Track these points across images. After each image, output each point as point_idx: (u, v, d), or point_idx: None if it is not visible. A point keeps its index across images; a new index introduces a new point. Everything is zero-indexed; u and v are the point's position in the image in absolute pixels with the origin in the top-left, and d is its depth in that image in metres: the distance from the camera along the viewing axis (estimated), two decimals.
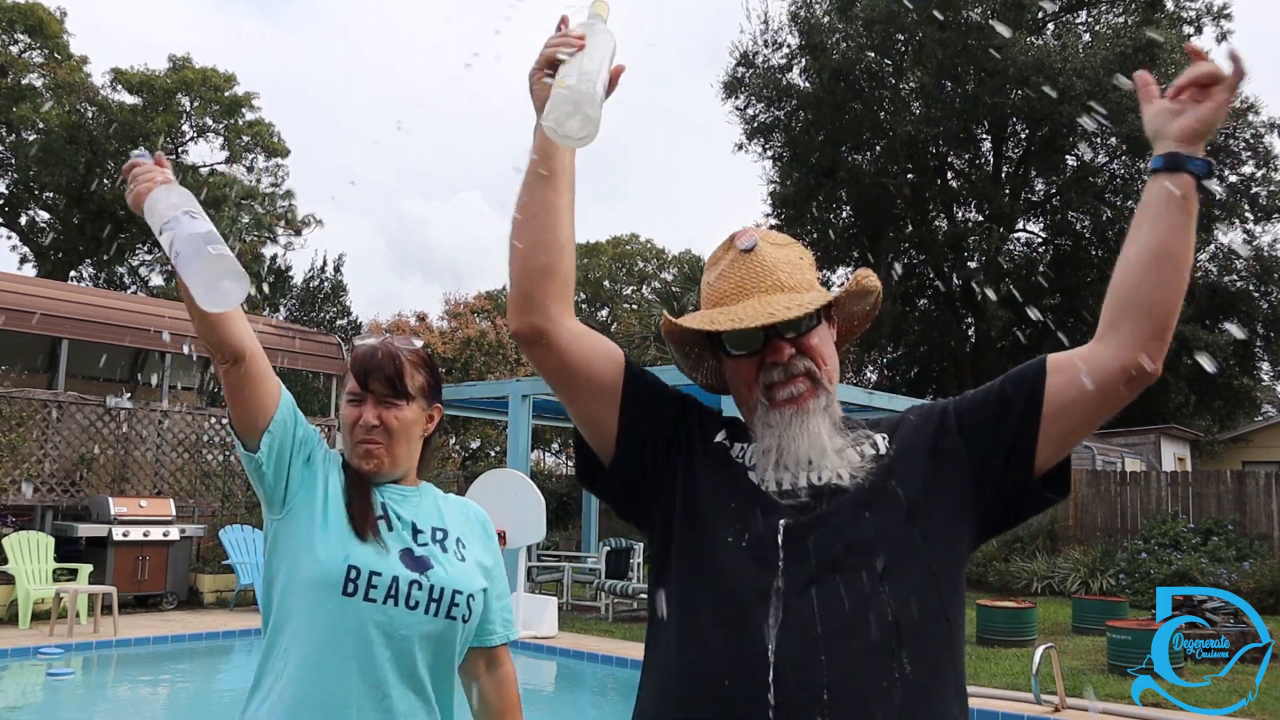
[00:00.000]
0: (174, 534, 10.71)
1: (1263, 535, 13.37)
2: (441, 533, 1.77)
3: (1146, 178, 1.25)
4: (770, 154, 25.61)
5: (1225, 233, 23.28)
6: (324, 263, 29.55)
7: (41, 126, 24.42)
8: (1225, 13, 22.88)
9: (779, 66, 24.48)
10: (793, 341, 1.38)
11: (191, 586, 11.26)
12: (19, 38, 25.32)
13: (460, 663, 1.76)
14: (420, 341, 1.84)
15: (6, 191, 27.12)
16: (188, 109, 26.42)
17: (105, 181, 25.47)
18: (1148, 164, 1.25)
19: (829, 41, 22.91)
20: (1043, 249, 25.49)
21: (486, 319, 27.09)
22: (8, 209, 27.32)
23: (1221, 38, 23.09)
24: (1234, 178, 22.80)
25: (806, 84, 24.06)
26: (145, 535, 10.45)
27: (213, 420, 12.72)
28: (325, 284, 29.22)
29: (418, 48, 69.58)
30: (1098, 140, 22.53)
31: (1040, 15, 22.72)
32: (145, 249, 27.70)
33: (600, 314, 36.57)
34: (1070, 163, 23.14)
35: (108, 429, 11.63)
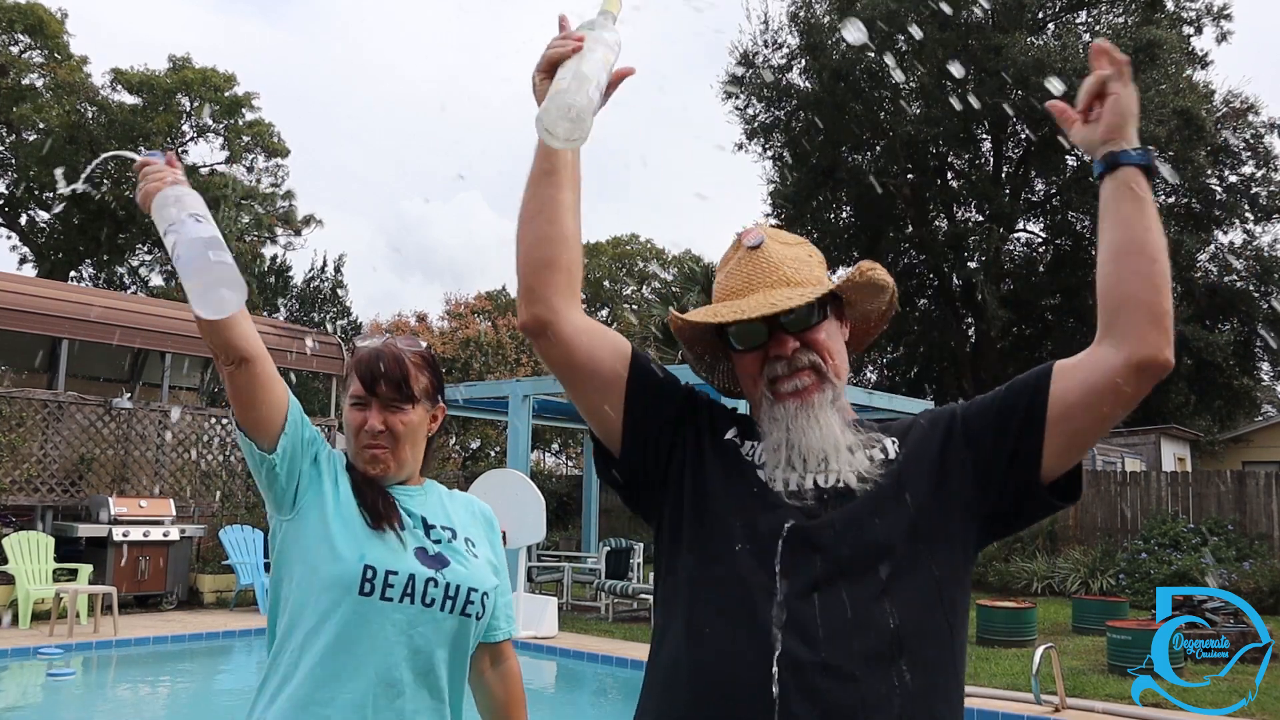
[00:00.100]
0: (174, 534, 10.70)
1: (1263, 535, 13.37)
2: (450, 531, 1.77)
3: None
4: (770, 154, 25.63)
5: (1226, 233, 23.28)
6: (324, 263, 29.56)
7: (41, 126, 24.42)
8: (1225, 13, 22.87)
9: (779, 66, 24.49)
10: (798, 335, 1.39)
11: (191, 586, 11.26)
12: (19, 38, 25.33)
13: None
14: (424, 343, 1.84)
15: (6, 192, 27.11)
16: (188, 109, 26.43)
17: (105, 181, 25.46)
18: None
19: (829, 42, 22.91)
20: (1043, 249, 25.48)
21: (486, 319, 27.08)
22: (8, 209, 27.31)
23: (1221, 38, 23.09)
24: (1234, 178, 22.78)
25: (806, 84, 24.06)
26: (145, 535, 10.45)
27: (213, 420, 12.72)
28: (325, 284, 29.22)
29: (418, 48, 69.56)
30: None
31: (1040, 15, 22.72)
32: (145, 249, 27.71)
33: (600, 314, 36.56)
34: (1070, 163, 23.11)
35: (108, 429, 11.64)
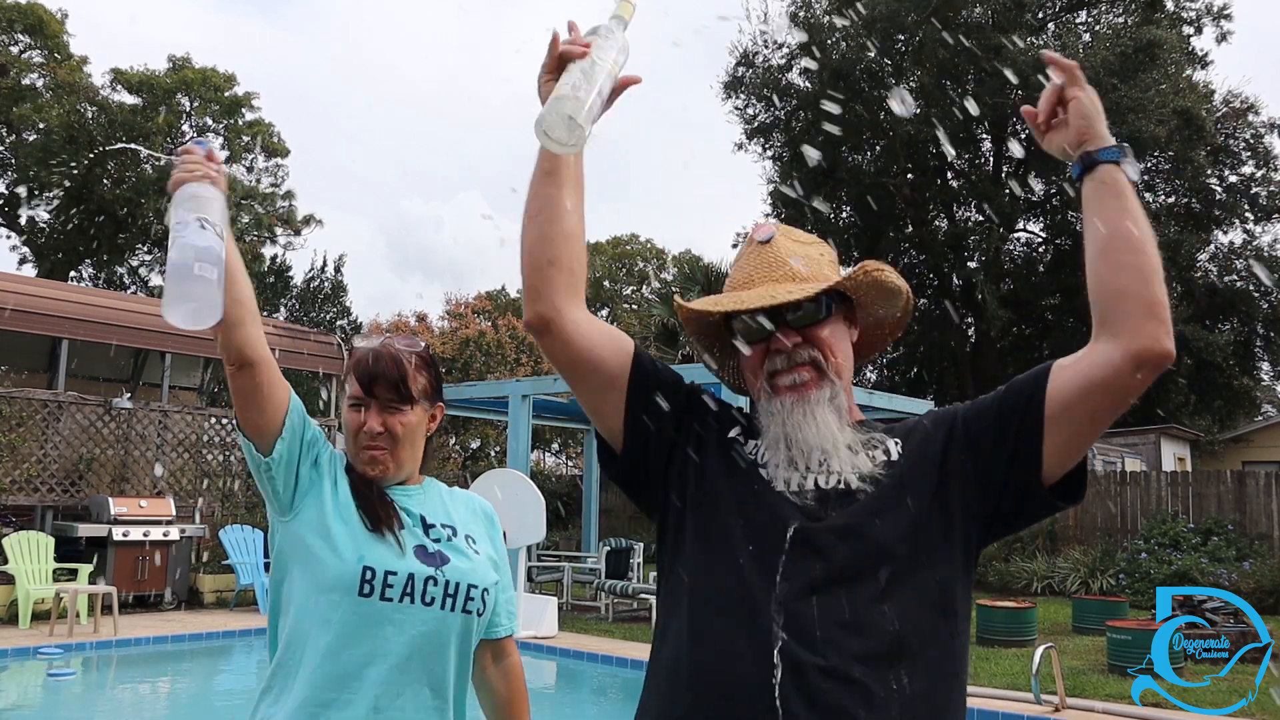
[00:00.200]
0: (174, 534, 10.70)
1: (1263, 535, 13.37)
2: (450, 529, 1.77)
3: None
4: (770, 154, 25.63)
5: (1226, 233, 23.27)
6: (324, 263, 29.57)
7: (41, 126, 24.42)
8: (1225, 13, 22.86)
9: (779, 67, 24.48)
10: (800, 331, 1.39)
11: (191, 586, 11.25)
12: (19, 38, 25.33)
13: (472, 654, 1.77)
14: (423, 342, 1.84)
15: (6, 192, 27.11)
16: (188, 109, 26.43)
17: (105, 182, 25.46)
18: (1146, 163, 1.27)
19: (829, 42, 22.91)
20: (1042, 249, 25.48)
21: (487, 319, 27.08)
22: (8, 209, 27.31)
23: (1221, 38, 23.08)
24: (1234, 178, 22.77)
25: (806, 84, 24.06)
26: (145, 535, 10.45)
27: (213, 420, 12.71)
28: (325, 284, 29.23)
29: (418, 48, 69.58)
30: None
31: (1040, 15, 22.71)
32: (145, 249, 27.70)
33: (600, 314, 36.56)
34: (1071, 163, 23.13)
35: (108, 429, 11.63)
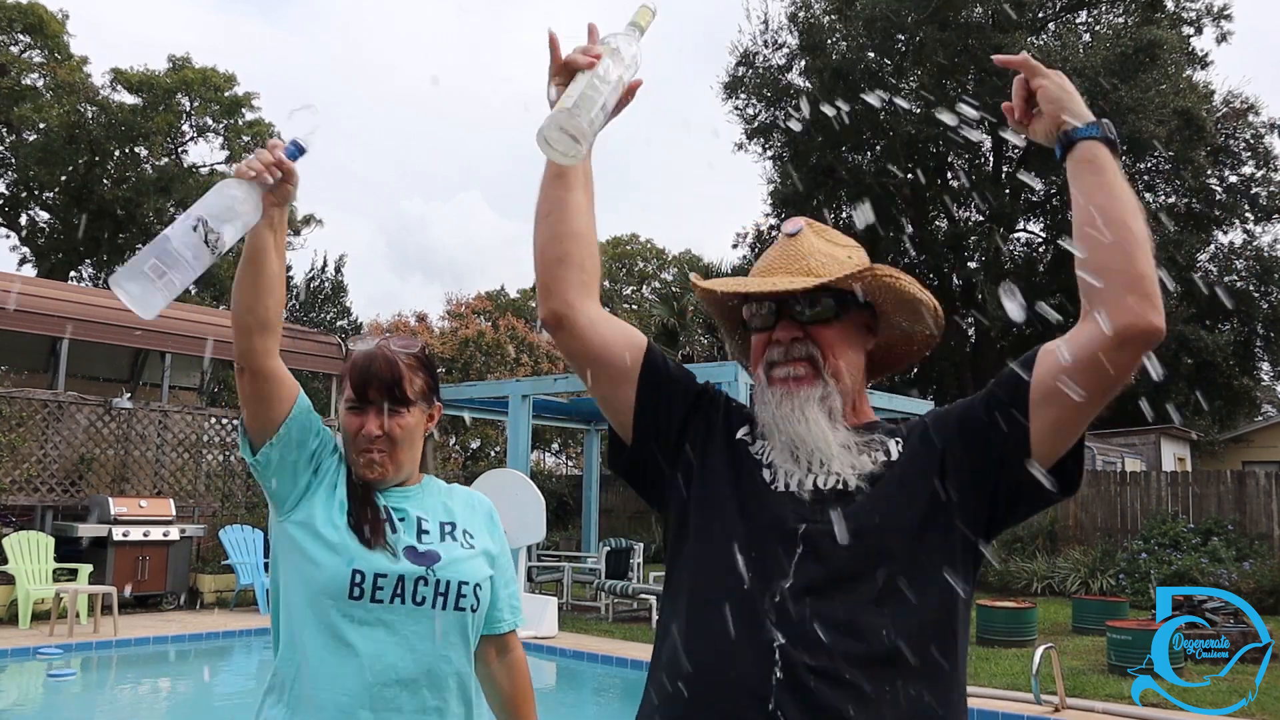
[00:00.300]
0: (174, 534, 10.70)
1: (1263, 535, 13.36)
2: (449, 525, 1.78)
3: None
4: (770, 154, 25.62)
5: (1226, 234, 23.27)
6: (324, 263, 29.58)
7: (42, 126, 24.41)
8: (1225, 13, 22.86)
9: (779, 66, 24.48)
10: (804, 326, 1.38)
11: (191, 586, 11.25)
12: (19, 38, 25.33)
13: (473, 651, 1.77)
14: (421, 342, 1.84)
15: (7, 192, 27.11)
16: (188, 109, 26.43)
17: (105, 182, 25.46)
18: (1146, 163, 1.27)
19: (829, 42, 22.90)
20: (1042, 249, 25.49)
21: (487, 319, 27.08)
22: (8, 209, 27.31)
23: (1221, 38, 23.08)
24: (1234, 178, 22.77)
25: (807, 84, 24.05)
26: (145, 535, 10.45)
27: (213, 420, 12.71)
28: (325, 284, 29.23)
29: (418, 48, 69.59)
30: None
31: (1040, 15, 22.71)
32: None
33: None
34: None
35: (108, 429, 11.63)
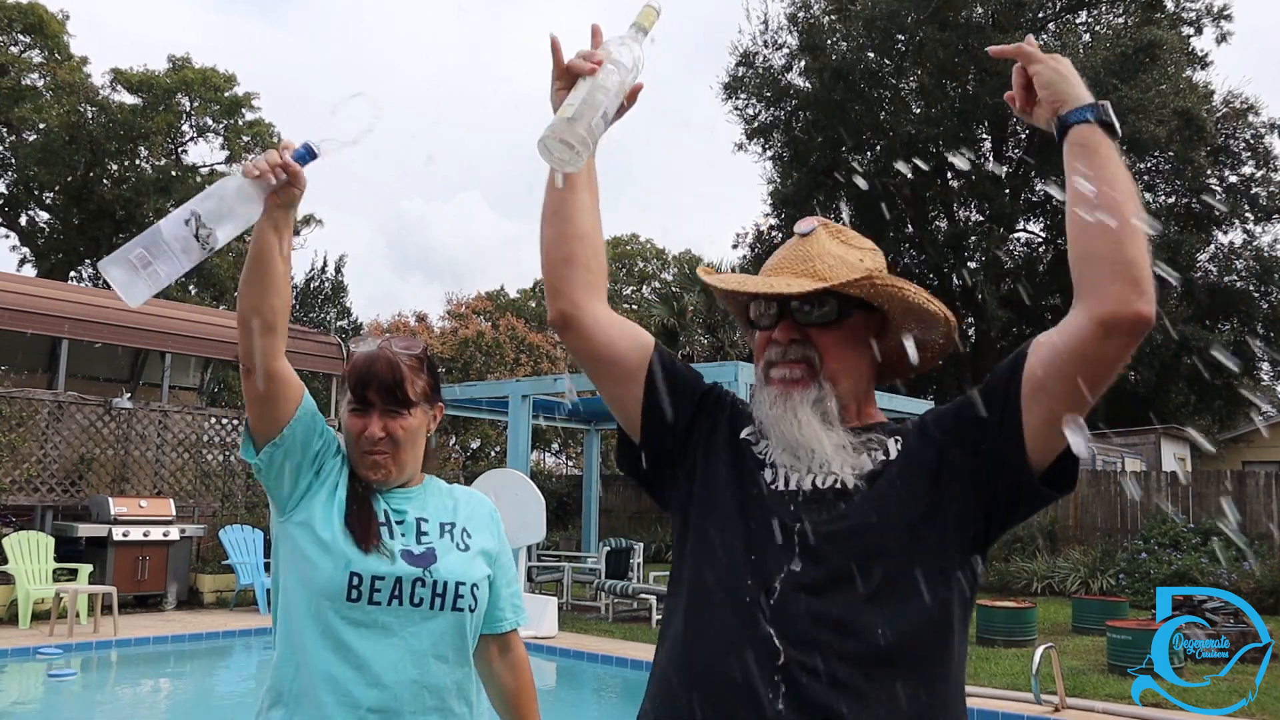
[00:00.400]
0: (174, 534, 10.70)
1: (1263, 535, 13.36)
2: (448, 525, 1.78)
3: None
4: (770, 154, 25.62)
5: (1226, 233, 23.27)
6: (324, 263, 29.58)
7: (42, 126, 24.41)
8: (1225, 13, 22.86)
9: (779, 67, 24.49)
10: (803, 328, 1.38)
11: (191, 586, 11.25)
12: (19, 38, 25.33)
13: (473, 650, 1.78)
14: (422, 343, 1.84)
15: (6, 191, 27.11)
16: (188, 109, 26.42)
17: (105, 182, 25.44)
18: (1146, 163, 1.26)
19: (829, 42, 22.91)
20: (1043, 249, 25.49)
21: (487, 319, 27.08)
22: (8, 209, 27.31)
23: (1221, 38, 23.08)
24: (1234, 178, 22.78)
25: (806, 84, 24.06)
26: (145, 535, 10.45)
27: (213, 420, 12.71)
28: (325, 285, 29.23)
29: (418, 48, 69.59)
30: None
31: (1040, 15, 22.70)
32: None
33: None
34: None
35: (108, 429, 11.63)
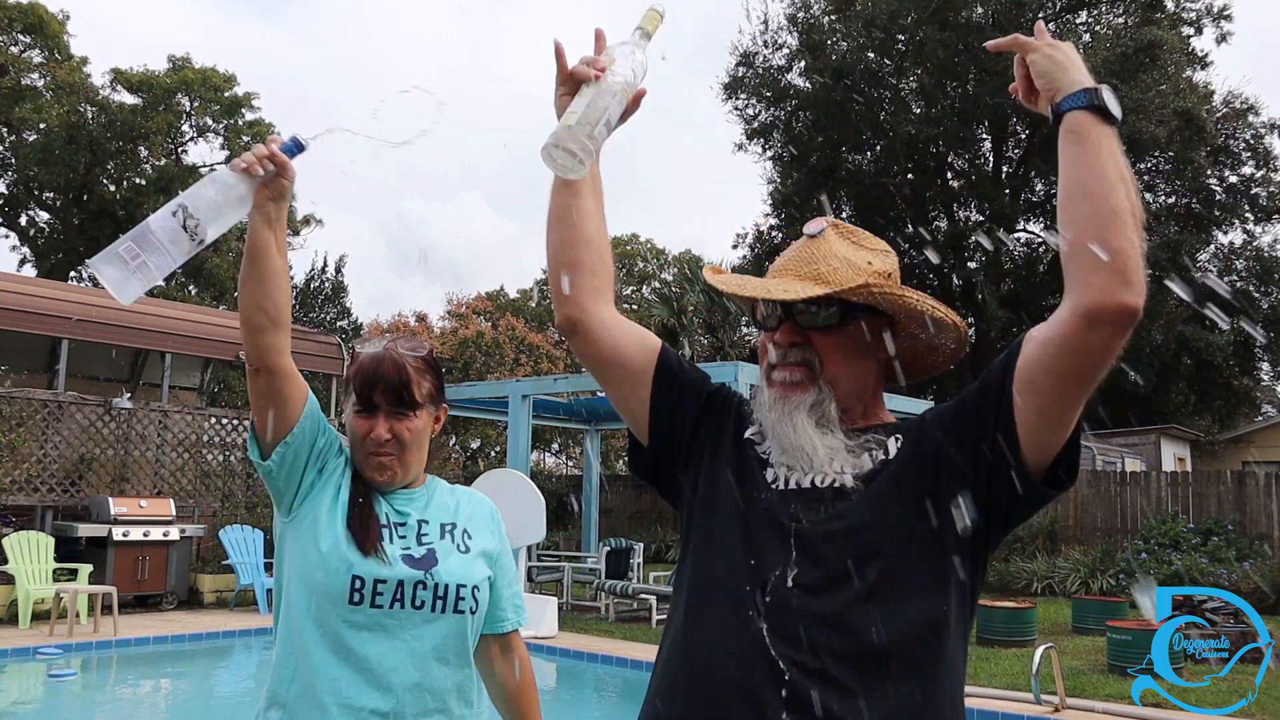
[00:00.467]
0: (174, 534, 10.70)
1: (1263, 535, 13.36)
2: (449, 526, 1.78)
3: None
4: (770, 154, 25.63)
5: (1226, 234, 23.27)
6: (324, 263, 29.58)
7: (42, 126, 24.40)
8: (1225, 13, 22.88)
9: (779, 67, 24.49)
10: (804, 331, 1.37)
11: (191, 586, 11.25)
12: (19, 38, 25.32)
13: (473, 650, 1.78)
14: (427, 345, 1.84)
15: (6, 191, 27.10)
16: (188, 109, 26.42)
17: (105, 182, 25.44)
18: (1146, 163, 1.26)
19: (829, 42, 22.91)
20: (1043, 249, 25.49)
21: (487, 319, 27.07)
22: (8, 209, 27.31)
23: (1221, 38, 23.09)
24: (1234, 178, 22.78)
25: (806, 84, 24.06)
26: (145, 535, 10.44)
27: (213, 420, 12.71)
28: (326, 285, 29.23)
29: (418, 48, 69.57)
30: None
31: (1040, 15, 22.69)
32: None
33: None
34: None
35: (108, 429, 11.63)
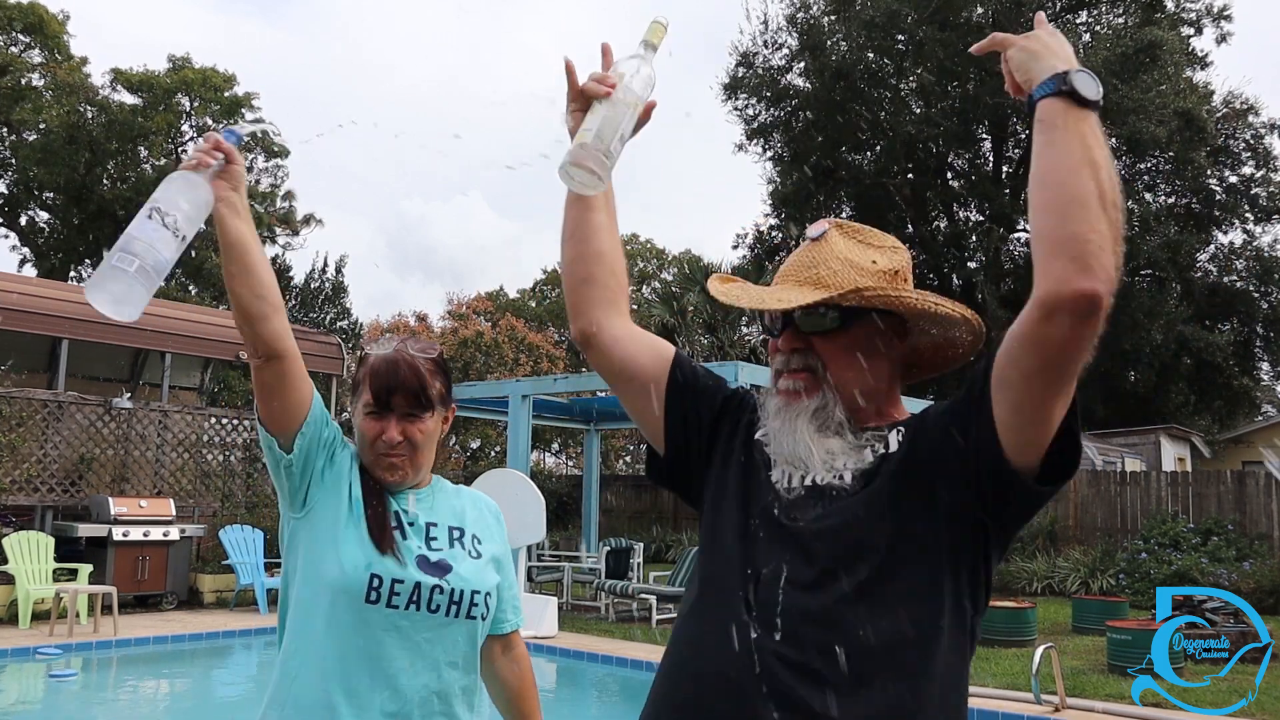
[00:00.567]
0: (174, 534, 10.70)
1: (1263, 535, 13.36)
2: (458, 530, 1.77)
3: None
4: (770, 154, 25.63)
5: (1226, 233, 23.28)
6: (324, 264, 29.57)
7: (42, 126, 24.41)
8: (1225, 13, 22.88)
9: (779, 67, 24.50)
10: (806, 336, 1.36)
11: (191, 586, 11.25)
12: (19, 38, 25.33)
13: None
14: (437, 346, 1.83)
15: (6, 191, 27.10)
16: (188, 109, 26.43)
17: (105, 182, 25.44)
18: (1146, 163, 1.25)
19: (829, 42, 22.91)
20: None
21: (487, 319, 27.08)
22: (8, 209, 27.31)
23: (1221, 39, 23.10)
24: (1234, 178, 22.79)
25: (806, 84, 24.07)
26: (145, 535, 10.44)
27: (213, 420, 12.71)
28: (326, 285, 29.23)
29: (418, 48, 69.58)
30: None
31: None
32: None
33: None
34: None
35: (108, 429, 11.63)
